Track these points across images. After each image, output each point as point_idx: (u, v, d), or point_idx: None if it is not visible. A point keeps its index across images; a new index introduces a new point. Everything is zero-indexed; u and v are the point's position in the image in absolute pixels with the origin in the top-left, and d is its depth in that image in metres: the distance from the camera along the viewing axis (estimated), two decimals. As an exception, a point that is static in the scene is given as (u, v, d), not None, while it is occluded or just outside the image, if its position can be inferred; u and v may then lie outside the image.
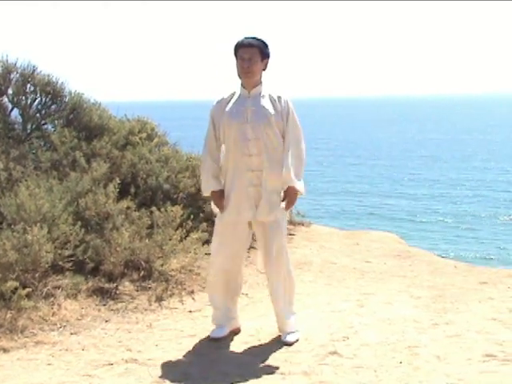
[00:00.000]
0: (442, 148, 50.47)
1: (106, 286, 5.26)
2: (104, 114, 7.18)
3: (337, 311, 5.01)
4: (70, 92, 7.15)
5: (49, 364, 4.10)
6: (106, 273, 5.35)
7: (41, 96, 7.03)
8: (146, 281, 5.44)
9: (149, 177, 6.55)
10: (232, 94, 4.29)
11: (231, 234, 4.27)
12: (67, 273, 5.16)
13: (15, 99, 6.91)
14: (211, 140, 4.29)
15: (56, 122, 6.99)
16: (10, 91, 6.93)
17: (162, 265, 5.54)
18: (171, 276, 5.55)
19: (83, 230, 5.36)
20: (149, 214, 5.91)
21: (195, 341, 4.44)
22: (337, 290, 5.66)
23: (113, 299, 5.15)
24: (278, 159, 4.20)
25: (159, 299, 5.25)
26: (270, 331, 4.50)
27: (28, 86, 6.98)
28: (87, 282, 5.22)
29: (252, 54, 4.16)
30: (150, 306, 5.15)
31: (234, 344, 4.37)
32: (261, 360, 4.05)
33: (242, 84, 4.27)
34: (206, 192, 4.38)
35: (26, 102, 6.95)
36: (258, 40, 4.22)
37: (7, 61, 6.96)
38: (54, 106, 7.09)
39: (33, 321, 4.61)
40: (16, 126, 6.92)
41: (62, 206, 5.37)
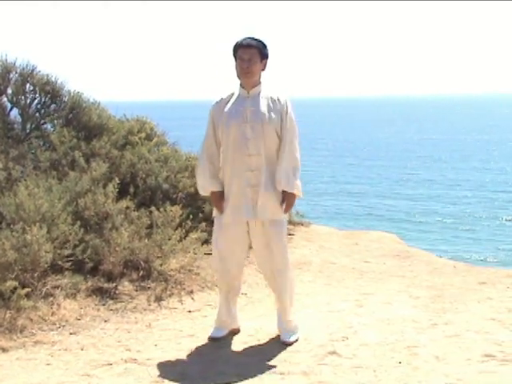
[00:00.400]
0: (440, 148, 50.47)
1: (106, 285, 5.26)
2: (103, 114, 7.18)
3: (336, 311, 5.01)
4: (70, 91, 7.16)
5: (48, 364, 4.09)
6: (105, 272, 5.35)
7: (40, 95, 7.03)
8: (146, 281, 5.44)
9: (148, 177, 6.55)
10: (231, 95, 4.30)
11: (230, 234, 4.27)
12: (66, 272, 5.16)
13: (14, 99, 6.91)
14: (210, 140, 4.29)
15: (55, 121, 6.99)
16: (10, 91, 6.93)
17: (161, 265, 5.54)
18: (170, 276, 5.55)
19: (82, 229, 5.36)
20: (148, 213, 5.91)
21: (194, 341, 4.44)
22: (336, 290, 5.66)
23: (112, 299, 5.15)
24: (276, 159, 4.21)
25: (158, 299, 5.25)
26: (269, 331, 4.50)
27: (27, 86, 6.98)
28: (86, 281, 5.22)
29: (251, 54, 4.16)
30: (150, 305, 5.15)
31: (233, 344, 4.37)
32: (260, 360, 4.05)
33: (241, 84, 4.27)
34: (203, 191, 4.38)
35: (26, 102, 6.96)
36: (257, 40, 4.22)
37: (6, 60, 6.97)
38: (53, 106, 7.10)
39: (32, 320, 4.61)
40: (15, 126, 6.92)
41: (62, 206, 5.37)
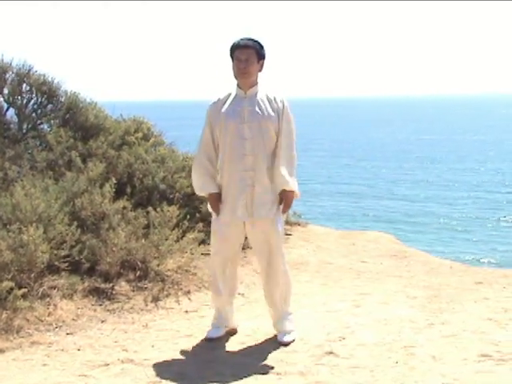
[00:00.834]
0: (437, 148, 50.50)
1: (102, 286, 5.25)
2: (100, 114, 7.18)
3: (333, 311, 5.01)
4: (66, 92, 7.15)
5: (44, 364, 4.08)
6: (102, 273, 5.34)
7: (37, 96, 7.03)
8: (142, 281, 5.43)
9: (145, 177, 6.54)
10: (228, 95, 4.30)
11: (228, 234, 4.27)
12: (63, 273, 5.15)
13: (11, 99, 6.91)
14: (208, 141, 4.28)
15: (52, 121, 6.99)
16: (6, 91, 6.93)
17: (158, 265, 5.53)
18: (167, 276, 5.55)
19: (79, 230, 5.35)
20: (145, 214, 5.90)
21: (191, 341, 4.44)
22: (333, 290, 5.66)
23: (109, 299, 5.14)
24: (273, 159, 4.21)
25: (155, 299, 5.25)
26: (266, 331, 4.50)
27: (24, 86, 6.98)
28: (83, 282, 5.21)
29: (248, 54, 4.17)
30: (146, 306, 5.14)
31: (230, 344, 4.37)
32: (257, 360, 4.04)
33: (238, 85, 4.28)
34: (200, 191, 4.38)
35: (22, 102, 6.95)
36: (254, 41, 4.23)
37: (3, 60, 6.96)
38: (49, 106, 7.10)
39: (28, 321, 4.60)
40: (12, 126, 6.92)
41: (58, 206, 5.36)
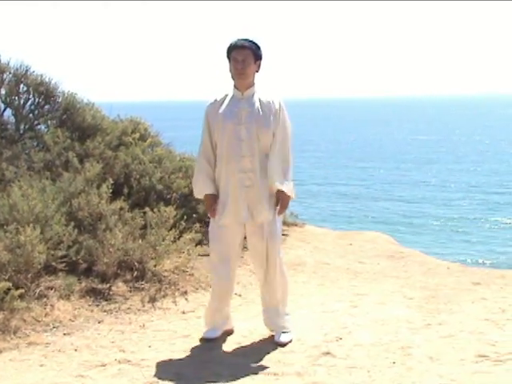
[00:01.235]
0: (434, 149, 50.55)
1: (99, 286, 5.24)
2: (97, 115, 7.18)
3: (330, 312, 5.01)
4: (64, 92, 7.15)
5: (41, 365, 4.08)
6: (99, 273, 5.34)
7: (34, 96, 7.02)
8: (139, 281, 5.43)
9: (142, 177, 6.54)
10: (224, 96, 4.30)
11: (226, 235, 4.27)
12: (60, 273, 5.15)
13: (8, 99, 6.91)
14: (206, 143, 4.29)
15: (49, 122, 6.99)
16: (3, 91, 6.93)
17: (155, 265, 5.53)
18: (164, 277, 5.54)
19: (76, 230, 5.35)
20: (142, 214, 5.90)
21: (188, 341, 4.44)
22: (330, 291, 5.67)
23: (106, 300, 5.14)
24: (270, 160, 4.21)
25: (152, 300, 5.24)
26: (263, 332, 4.50)
27: (21, 86, 6.97)
28: (80, 282, 5.21)
29: (245, 55, 4.17)
30: (143, 306, 5.14)
31: (227, 345, 4.37)
32: (254, 361, 4.04)
33: (235, 85, 4.28)
34: (198, 195, 4.38)
35: (19, 103, 6.95)
36: (251, 42, 4.23)
37: (0, 61, 6.95)
38: (47, 107, 7.09)
39: (25, 321, 4.59)
40: (9, 127, 6.91)
41: (55, 207, 5.36)
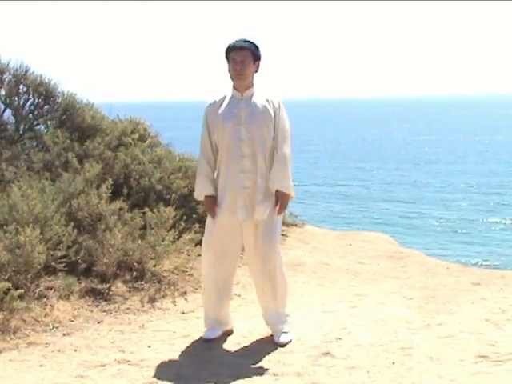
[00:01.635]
0: (434, 149, 50.54)
1: (99, 286, 5.24)
2: (97, 115, 7.18)
3: (330, 312, 5.01)
4: (63, 93, 7.15)
5: (41, 365, 4.08)
6: (98, 274, 5.34)
7: (33, 97, 7.02)
8: (139, 282, 5.43)
9: (141, 178, 6.54)
10: (224, 97, 4.30)
11: (225, 235, 4.27)
12: (60, 274, 5.15)
13: (8, 100, 6.90)
14: (206, 144, 4.29)
15: (49, 122, 6.99)
16: (3, 92, 6.93)
17: (154, 266, 5.53)
18: (164, 277, 5.55)
19: (76, 230, 5.35)
20: (141, 214, 5.90)
21: (188, 342, 4.44)
22: (330, 291, 5.67)
23: (105, 300, 5.14)
24: (269, 160, 4.22)
25: (152, 300, 5.24)
26: (262, 332, 4.50)
27: (21, 87, 6.97)
28: (80, 282, 5.21)
29: (244, 56, 4.17)
30: (143, 306, 5.14)
31: (227, 345, 4.37)
32: (253, 361, 4.04)
33: (234, 86, 4.28)
34: (198, 196, 4.38)
35: (19, 103, 6.95)
36: (250, 42, 4.23)
37: (0, 61, 6.95)
38: (46, 107, 7.09)
39: (25, 322, 4.59)
40: (8, 127, 6.91)
41: (55, 207, 5.36)
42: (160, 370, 3.95)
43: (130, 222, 5.70)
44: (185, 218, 6.11)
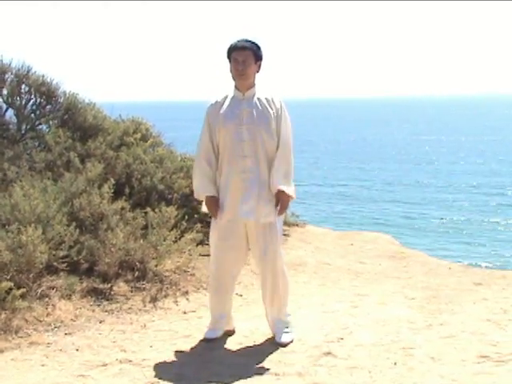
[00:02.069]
0: (435, 149, 50.48)
1: (101, 286, 5.25)
2: (99, 115, 7.19)
3: (331, 312, 5.01)
4: (65, 92, 7.16)
5: (43, 365, 4.08)
6: (100, 273, 5.34)
7: (35, 96, 7.03)
8: (141, 281, 5.43)
9: (143, 177, 6.54)
10: (225, 97, 4.30)
11: (227, 235, 4.26)
12: (62, 273, 5.15)
13: (10, 99, 6.91)
14: (206, 143, 4.27)
15: (50, 122, 7.00)
16: (5, 91, 6.93)
17: (156, 265, 5.54)
18: (166, 277, 5.55)
19: (78, 230, 5.36)
20: (143, 214, 5.90)
21: (189, 341, 4.44)
22: (331, 291, 5.67)
23: (107, 300, 5.14)
24: (271, 160, 4.21)
25: (153, 300, 5.24)
26: (264, 332, 4.50)
27: (23, 87, 6.98)
28: (81, 282, 5.21)
29: (246, 56, 4.16)
30: (145, 306, 5.14)
31: (228, 345, 4.37)
32: (255, 361, 4.04)
33: (235, 86, 4.27)
34: (199, 196, 4.37)
35: (21, 103, 6.96)
36: (252, 42, 4.22)
37: (2, 61, 6.97)
38: (48, 107, 7.10)
39: (27, 321, 4.60)
40: (10, 127, 6.92)
41: (57, 207, 5.36)
42: (161, 369, 3.95)
43: (132, 222, 5.71)
44: (186, 217, 6.12)
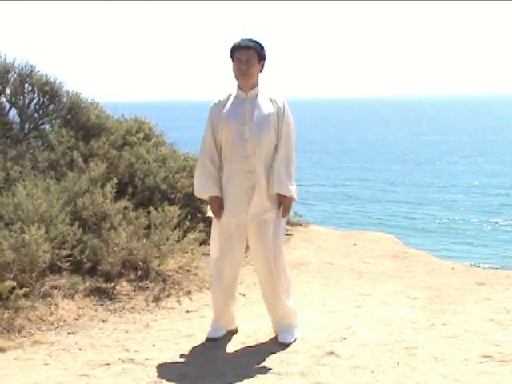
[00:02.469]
0: (436, 149, 50.39)
1: (104, 285, 5.26)
2: (102, 114, 7.20)
3: (334, 312, 5.01)
4: (68, 92, 7.17)
5: (46, 364, 4.09)
6: (103, 273, 5.35)
7: (38, 96, 7.03)
8: (144, 281, 5.44)
9: (146, 177, 6.55)
10: (228, 96, 4.29)
11: (229, 235, 4.26)
12: (64, 273, 5.16)
13: (13, 99, 6.92)
14: (210, 141, 4.26)
15: (54, 121, 7.00)
16: (8, 91, 6.94)
17: (159, 265, 5.54)
18: (168, 276, 5.56)
19: (81, 229, 5.36)
20: (146, 214, 5.91)
21: (192, 341, 4.43)
22: (334, 291, 5.67)
23: (110, 299, 5.15)
24: (274, 160, 4.20)
25: (156, 299, 5.25)
26: (266, 331, 4.50)
27: (26, 86, 6.99)
28: (84, 281, 5.22)
29: (249, 55, 4.16)
30: (147, 306, 5.15)
31: (231, 344, 4.36)
32: (258, 360, 4.04)
33: (238, 86, 4.27)
34: (201, 194, 4.36)
35: (24, 102, 6.96)
36: (255, 42, 4.22)
37: (5, 60, 6.97)
38: (51, 106, 7.10)
39: (30, 320, 4.60)
40: (14, 126, 6.92)
41: (60, 206, 5.37)
42: (164, 369, 3.95)
43: (135, 221, 5.71)
44: (189, 217, 6.13)
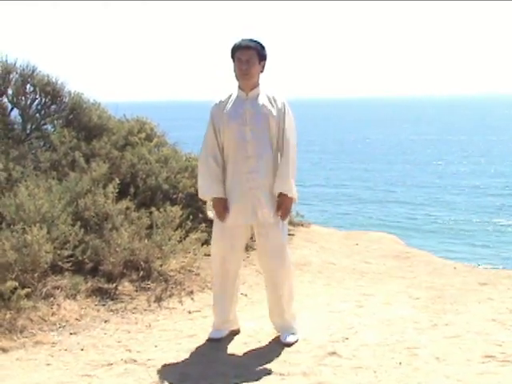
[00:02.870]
0: (437, 150, 50.36)
1: (106, 286, 5.25)
2: (103, 115, 7.19)
3: (336, 312, 5.01)
4: (70, 92, 7.16)
5: (48, 364, 4.09)
6: (105, 273, 5.35)
7: (40, 96, 7.03)
8: (146, 281, 5.44)
9: (148, 177, 6.55)
10: (229, 96, 4.28)
11: (231, 236, 4.25)
12: (66, 273, 5.16)
13: (15, 99, 6.92)
14: (212, 143, 4.24)
15: (55, 122, 7.00)
16: (10, 91, 6.94)
17: (161, 265, 5.54)
18: (170, 276, 5.55)
19: (82, 230, 5.36)
20: (148, 214, 5.91)
21: (194, 341, 4.43)
22: (336, 291, 5.66)
23: (112, 299, 5.15)
24: (275, 161, 4.20)
25: (158, 299, 5.25)
26: (269, 332, 4.49)
27: (28, 87, 6.99)
28: (86, 282, 5.22)
29: (250, 55, 4.15)
30: (150, 306, 5.15)
31: (233, 345, 4.36)
32: (260, 361, 4.04)
33: (239, 86, 4.26)
34: (204, 196, 4.33)
35: (26, 103, 6.96)
36: (256, 42, 4.21)
37: (7, 61, 6.97)
38: (53, 107, 7.10)
39: (32, 321, 4.61)
40: (16, 127, 6.92)
41: (62, 206, 5.37)
42: (166, 369, 3.95)
43: (137, 222, 5.71)
44: (191, 217, 6.12)
